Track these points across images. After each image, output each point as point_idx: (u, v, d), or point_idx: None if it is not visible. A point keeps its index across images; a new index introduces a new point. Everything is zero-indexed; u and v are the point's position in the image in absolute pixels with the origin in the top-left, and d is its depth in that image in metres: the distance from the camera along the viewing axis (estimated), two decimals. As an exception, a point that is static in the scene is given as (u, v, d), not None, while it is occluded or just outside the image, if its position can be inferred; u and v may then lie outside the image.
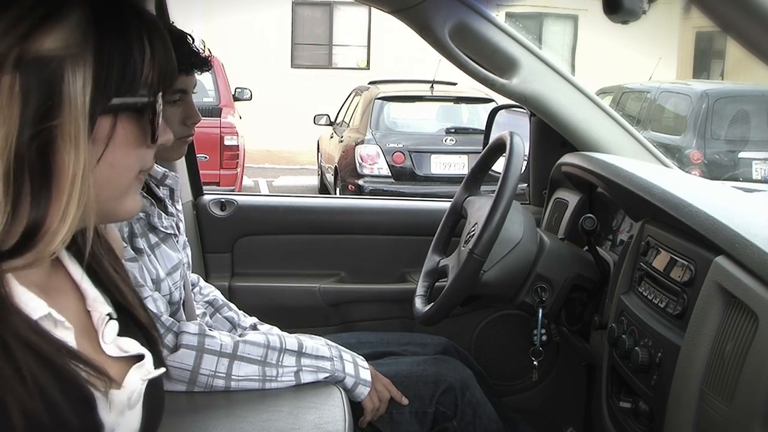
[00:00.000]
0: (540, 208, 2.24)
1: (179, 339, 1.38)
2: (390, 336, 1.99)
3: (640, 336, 1.39)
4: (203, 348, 1.38)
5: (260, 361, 1.42)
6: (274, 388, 1.43)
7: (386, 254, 2.34)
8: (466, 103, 8.12)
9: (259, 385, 1.43)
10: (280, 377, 1.44)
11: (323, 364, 1.48)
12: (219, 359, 1.39)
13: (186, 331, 1.40)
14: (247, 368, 1.41)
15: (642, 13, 1.17)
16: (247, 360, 1.41)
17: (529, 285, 1.76)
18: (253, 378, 1.42)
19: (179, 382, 1.38)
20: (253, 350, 1.42)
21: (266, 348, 1.44)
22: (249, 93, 9.18)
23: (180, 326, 1.40)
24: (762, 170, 7.54)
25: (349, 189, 7.58)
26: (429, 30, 1.87)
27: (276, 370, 1.44)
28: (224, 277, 2.28)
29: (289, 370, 1.45)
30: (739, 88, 8.78)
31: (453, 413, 1.66)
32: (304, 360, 1.46)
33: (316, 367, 1.47)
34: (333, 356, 1.51)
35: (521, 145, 1.74)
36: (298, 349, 1.47)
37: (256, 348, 1.43)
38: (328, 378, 1.49)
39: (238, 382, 1.41)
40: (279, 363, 1.44)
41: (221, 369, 1.39)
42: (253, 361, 1.42)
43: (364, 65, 13.98)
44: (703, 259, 1.25)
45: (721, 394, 1.10)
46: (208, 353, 1.38)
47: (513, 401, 2.19)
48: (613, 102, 8.97)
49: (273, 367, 1.43)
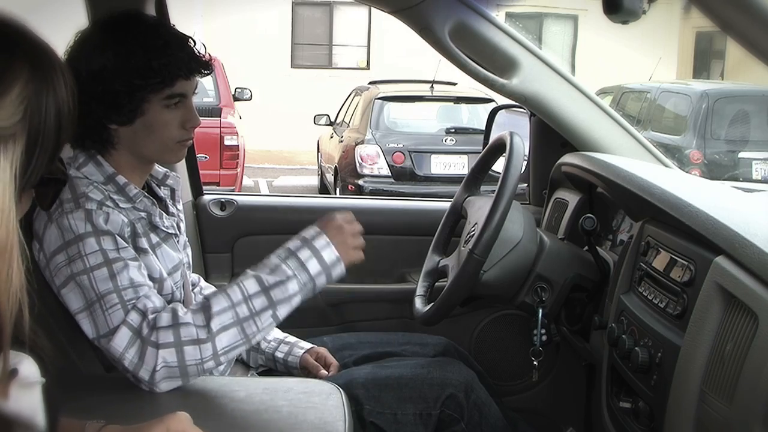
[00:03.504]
0: (540, 208, 2.23)
1: (157, 338, 1.36)
2: (390, 336, 1.99)
3: (640, 336, 1.39)
4: (180, 342, 1.35)
5: (235, 322, 1.38)
6: (260, 340, 1.39)
7: (386, 254, 2.34)
8: (466, 103, 8.13)
9: (246, 345, 1.40)
10: (261, 328, 1.39)
11: (290, 286, 1.41)
12: (199, 346, 1.36)
13: (160, 326, 1.36)
14: (228, 337, 1.37)
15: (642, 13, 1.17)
16: (223, 329, 1.37)
17: (529, 285, 1.76)
18: (237, 343, 1.38)
19: (173, 379, 1.36)
20: (225, 317, 1.37)
21: (233, 307, 1.38)
22: (249, 93, 9.18)
23: (155, 320, 1.37)
24: (762, 170, 7.54)
25: (349, 189, 7.58)
26: (429, 30, 1.87)
27: (253, 322, 1.39)
28: (224, 277, 2.27)
29: (264, 315, 1.39)
30: (739, 88, 8.78)
31: (460, 416, 1.65)
32: (272, 293, 1.40)
33: (286, 295, 1.41)
34: (294, 271, 1.42)
35: (521, 145, 1.74)
36: (261, 286, 1.41)
37: (226, 313, 1.38)
38: (303, 297, 1.44)
39: (227, 354, 1.38)
40: (253, 312, 1.39)
41: (206, 354, 1.35)
42: (229, 327, 1.37)
43: (364, 65, 13.97)
44: (703, 259, 1.25)
45: (721, 394, 1.10)
46: (186, 345, 1.35)
47: (513, 401, 2.19)
48: (613, 102, 8.97)
49: (249, 320, 1.38)
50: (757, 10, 1.02)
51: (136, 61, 1.42)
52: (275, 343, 1.83)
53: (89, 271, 1.38)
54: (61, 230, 1.39)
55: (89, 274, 1.38)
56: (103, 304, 1.37)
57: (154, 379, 1.35)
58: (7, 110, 0.73)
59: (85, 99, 1.37)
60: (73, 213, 1.39)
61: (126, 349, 1.35)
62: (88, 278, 1.38)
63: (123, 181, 1.50)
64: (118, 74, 1.42)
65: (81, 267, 1.38)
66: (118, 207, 1.45)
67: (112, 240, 1.40)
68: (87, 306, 1.38)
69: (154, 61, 1.43)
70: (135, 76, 1.42)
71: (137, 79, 1.43)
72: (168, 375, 1.35)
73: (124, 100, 1.43)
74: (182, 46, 1.49)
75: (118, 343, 1.35)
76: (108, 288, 1.37)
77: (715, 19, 1.12)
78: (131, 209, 1.50)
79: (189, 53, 1.49)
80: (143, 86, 1.43)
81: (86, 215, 1.39)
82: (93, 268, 1.38)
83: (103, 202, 1.42)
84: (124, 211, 1.46)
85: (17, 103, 0.73)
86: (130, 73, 1.42)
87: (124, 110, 1.44)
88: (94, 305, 1.38)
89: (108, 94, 1.42)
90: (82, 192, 1.42)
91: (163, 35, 1.47)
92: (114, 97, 1.43)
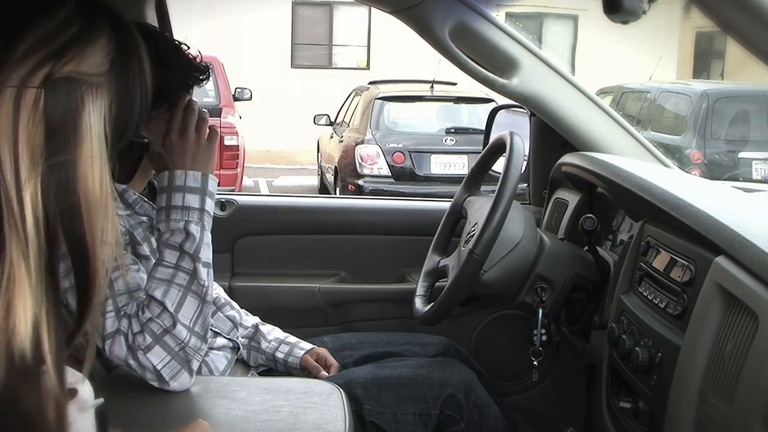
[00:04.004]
0: (540, 208, 2.24)
1: (141, 343, 1.35)
2: (390, 336, 1.99)
3: (640, 336, 1.39)
4: (156, 337, 1.33)
5: (183, 292, 1.36)
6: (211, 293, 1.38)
7: (386, 254, 2.34)
8: (466, 103, 8.13)
9: (208, 306, 1.38)
10: (204, 282, 1.37)
11: (192, 230, 1.38)
12: (172, 332, 1.34)
13: (136, 332, 1.35)
14: (187, 308, 1.36)
15: (642, 13, 1.17)
16: (179, 305, 1.36)
17: (529, 285, 1.76)
18: (199, 308, 1.36)
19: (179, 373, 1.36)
20: (173, 294, 1.35)
21: (172, 281, 1.36)
22: (249, 93, 9.19)
23: (133, 327, 1.36)
24: (762, 170, 7.54)
25: (349, 189, 7.58)
26: (429, 30, 1.87)
27: (196, 282, 1.37)
28: (224, 277, 2.27)
29: (198, 268, 1.37)
30: (739, 88, 8.78)
31: (460, 416, 1.66)
32: (186, 247, 1.38)
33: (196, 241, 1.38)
34: (182, 217, 1.39)
35: (521, 145, 1.74)
36: (176, 249, 1.38)
37: (170, 291, 1.36)
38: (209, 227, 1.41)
39: (199, 323, 1.37)
40: (189, 273, 1.37)
41: (182, 335, 1.35)
42: (182, 300, 1.36)
43: (364, 65, 13.98)
44: (703, 259, 1.25)
45: (721, 394, 1.10)
46: (162, 337, 1.33)
47: (513, 401, 2.19)
48: (613, 102, 8.97)
49: (192, 282, 1.37)
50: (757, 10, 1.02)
51: None
52: (276, 343, 1.83)
53: None
54: None
55: None
56: (103, 309, 1.37)
57: (164, 380, 1.36)
58: (96, 57, 0.73)
59: None
60: None
61: (126, 357, 1.36)
62: None
63: (121, 188, 1.50)
64: None
65: None
66: (116, 214, 1.44)
67: None
68: None
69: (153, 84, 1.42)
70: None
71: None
72: (170, 372, 1.36)
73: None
74: (179, 60, 1.48)
75: (119, 352, 1.36)
76: (105, 294, 1.38)
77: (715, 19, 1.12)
78: (132, 215, 1.50)
79: (187, 65, 1.48)
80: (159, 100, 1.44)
81: None
82: None
83: None
84: (123, 219, 1.47)
85: (104, 53, 0.73)
86: None
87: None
88: None
89: None
90: None
91: (161, 50, 1.44)
92: None
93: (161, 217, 1.41)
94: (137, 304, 1.38)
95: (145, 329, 1.35)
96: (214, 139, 1.46)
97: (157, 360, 1.35)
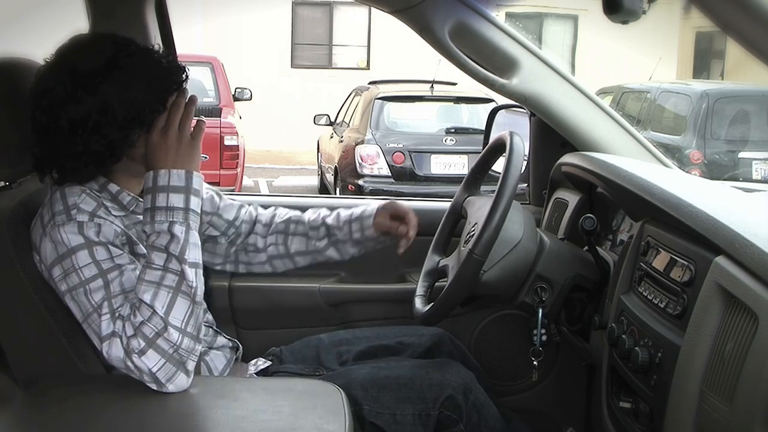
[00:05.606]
0: (540, 208, 2.23)
1: (135, 346, 1.34)
2: (385, 330, 1.99)
3: (640, 336, 1.39)
4: (149, 340, 1.33)
5: (173, 294, 1.35)
6: (201, 293, 1.38)
7: (386, 254, 2.33)
8: (466, 103, 8.12)
9: (198, 305, 1.37)
10: (192, 282, 1.36)
11: (176, 231, 1.37)
12: (164, 335, 1.34)
13: (130, 335, 1.35)
14: (178, 309, 1.35)
15: (642, 13, 1.17)
16: (170, 307, 1.35)
17: (529, 285, 1.76)
18: (189, 308, 1.36)
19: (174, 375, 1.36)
20: (162, 296, 1.35)
21: (160, 284, 1.35)
22: (249, 93, 9.20)
23: (126, 331, 1.36)
24: (762, 170, 7.54)
25: (349, 189, 7.58)
26: (429, 30, 1.87)
27: (184, 282, 1.36)
28: (224, 277, 2.27)
29: (186, 269, 1.37)
30: (739, 88, 8.78)
31: (459, 417, 1.65)
32: (172, 249, 1.37)
33: (181, 241, 1.37)
34: (167, 218, 1.38)
35: (521, 145, 1.74)
36: (162, 251, 1.37)
37: (160, 293, 1.35)
38: (195, 227, 1.40)
39: (191, 324, 1.36)
40: (177, 274, 1.36)
41: (174, 337, 1.34)
42: (172, 301, 1.35)
43: (364, 65, 13.98)
44: (703, 259, 1.25)
45: (721, 394, 1.10)
46: (155, 340, 1.33)
47: (513, 401, 2.19)
48: (613, 102, 8.97)
49: (180, 283, 1.36)
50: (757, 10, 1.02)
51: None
52: (347, 227, 1.87)
53: (85, 283, 1.38)
54: (54, 244, 1.39)
55: (85, 287, 1.38)
56: (100, 311, 1.38)
57: (161, 383, 1.35)
58: None
59: (75, 141, 1.37)
60: (64, 226, 1.39)
61: (124, 360, 1.35)
62: (84, 291, 1.38)
63: (115, 189, 1.50)
64: (108, 125, 1.40)
65: (77, 281, 1.38)
66: (111, 215, 1.44)
67: (105, 250, 1.40)
68: (86, 317, 1.39)
69: None
70: (124, 123, 1.41)
71: (128, 123, 1.41)
72: (166, 374, 1.35)
73: (116, 140, 1.42)
74: (158, 65, 1.46)
75: (117, 354, 1.36)
76: (102, 296, 1.38)
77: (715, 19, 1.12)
78: (128, 215, 1.50)
79: (169, 67, 1.47)
80: (137, 123, 1.42)
81: (78, 228, 1.39)
82: (88, 280, 1.38)
83: (95, 212, 1.41)
84: (118, 219, 1.46)
85: None
86: (120, 122, 1.40)
87: (116, 151, 1.43)
88: (92, 315, 1.38)
89: (100, 139, 1.41)
90: (74, 203, 1.41)
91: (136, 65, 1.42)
92: (106, 143, 1.41)
93: (147, 218, 1.40)
94: (130, 306, 1.38)
95: (138, 333, 1.35)
96: (198, 134, 1.44)
97: (152, 363, 1.34)
